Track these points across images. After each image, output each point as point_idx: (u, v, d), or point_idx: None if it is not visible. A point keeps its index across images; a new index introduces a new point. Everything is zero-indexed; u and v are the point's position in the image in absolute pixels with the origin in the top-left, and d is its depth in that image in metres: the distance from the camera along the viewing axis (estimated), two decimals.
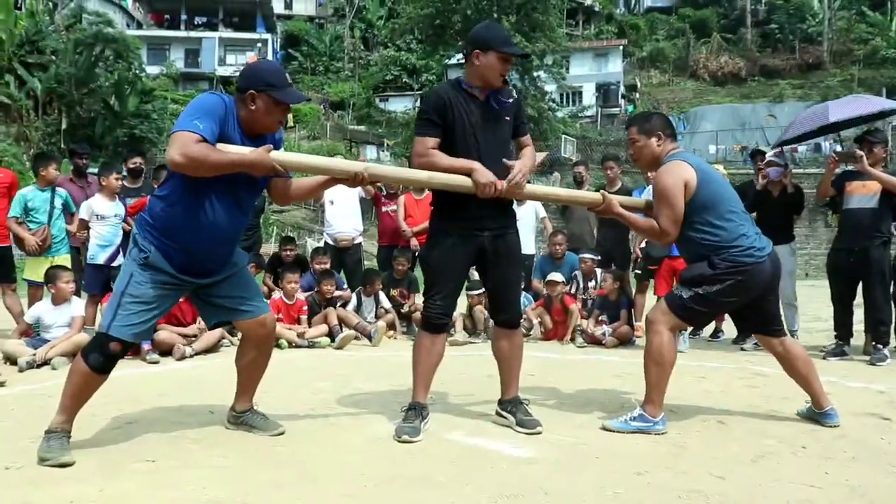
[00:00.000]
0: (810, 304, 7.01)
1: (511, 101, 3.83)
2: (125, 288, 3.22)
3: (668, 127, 3.94)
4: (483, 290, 7.75)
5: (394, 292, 8.19)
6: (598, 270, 7.96)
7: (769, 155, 6.88)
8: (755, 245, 3.65)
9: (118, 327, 3.17)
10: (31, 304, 6.83)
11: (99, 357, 3.18)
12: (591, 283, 8.00)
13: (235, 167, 3.11)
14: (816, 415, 3.82)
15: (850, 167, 6.22)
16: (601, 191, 4.15)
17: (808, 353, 3.99)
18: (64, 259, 6.97)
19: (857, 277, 6.25)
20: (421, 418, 3.73)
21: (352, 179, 3.40)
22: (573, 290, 7.94)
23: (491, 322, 7.34)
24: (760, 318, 3.90)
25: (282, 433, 3.55)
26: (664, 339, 3.71)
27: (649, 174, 6.49)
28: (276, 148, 3.31)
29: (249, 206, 3.46)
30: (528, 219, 8.83)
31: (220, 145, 3.11)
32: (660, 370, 3.71)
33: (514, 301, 3.98)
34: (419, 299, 8.20)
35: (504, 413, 3.91)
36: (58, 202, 7.06)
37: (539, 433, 3.67)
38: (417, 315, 8.02)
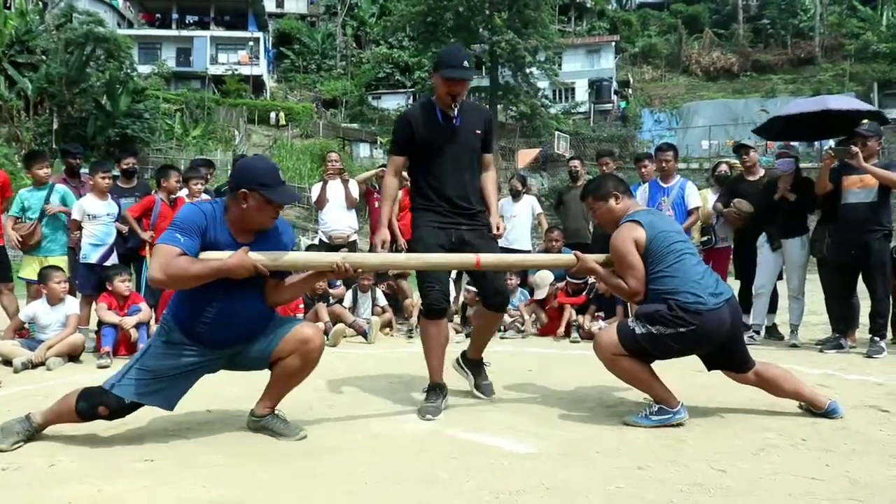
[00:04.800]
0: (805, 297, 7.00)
1: (473, 118, 4.26)
2: (141, 357, 3.37)
3: (620, 185, 4.09)
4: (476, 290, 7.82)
5: (382, 286, 8.19)
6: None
7: (778, 145, 6.84)
8: (711, 292, 3.63)
9: (121, 387, 3.28)
10: (3, 305, 6.98)
11: (87, 408, 3.28)
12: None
13: (218, 273, 3.17)
14: (821, 414, 3.80)
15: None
16: (573, 252, 4.20)
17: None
18: (58, 260, 6.94)
19: (857, 271, 6.25)
20: (442, 397, 4.09)
21: (335, 271, 3.44)
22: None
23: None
24: (731, 361, 3.86)
25: (304, 437, 3.47)
26: (624, 364, 3.72)
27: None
28: (286, 244, 3.46)
29: (254, 290, 3.40)
30: (525, 215, 8.84)
31: (203, 254, 3.19)
32: (644, 382, 3.75)
33: (502, 286, 4.39)
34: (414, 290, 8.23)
35: (464, 368, 4.53)
36: (55, 199, 7.04)
37: (492, 400, 4.24)
38: (408, 303, 8.07)
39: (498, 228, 4.30)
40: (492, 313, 4.42)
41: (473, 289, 7.68)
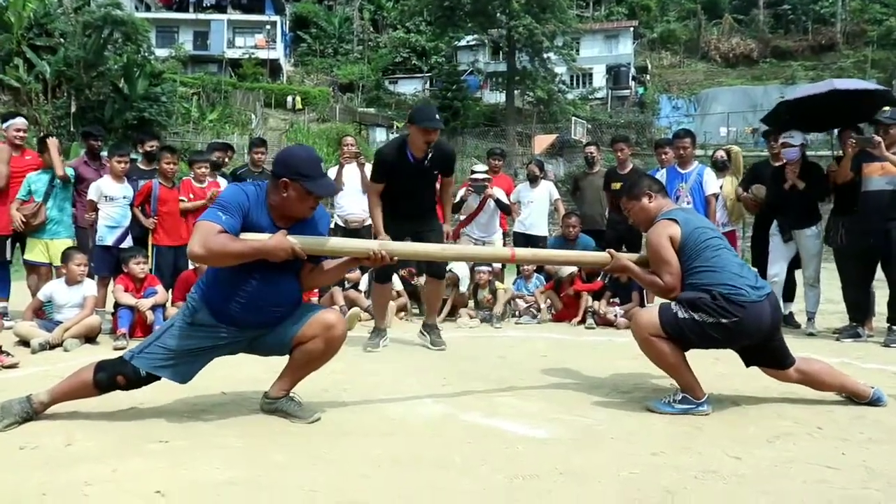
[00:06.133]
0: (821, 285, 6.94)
1: (438, 159, 5.66)
2: (161, 335, 3.39)
3: (654, 184, 4.11)
4: (490, 269, 7.86)
5: (402, 272, 8.18)
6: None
7: (783, 136, 6.72)
8: (752, 285, 3.60)
9: (139, 359, 3.33)
10: (28, 284, 7.06)
11: (105, 378, 3.33)
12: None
13: (256, 253, 3.21)
14: (866, 403, 3.78)
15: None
16: (608, 249, 4.16)
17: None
18: (64, 243, 6.99)
19: (875, 259, 6.18)
20: (381, 338, 5.81)
21: (370, 258, 3.49)
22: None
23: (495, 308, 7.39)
24: (771, 358, 3.81)
25: (318, 419, 3.47)
26: (660, 346, 3.66)
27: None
28: (320, 226, 3.51)
29: (288, 274, 3.44)
30: (542, 201, 8.81)
31: (243, 235, 3.23)
32: (675, 368, 3.70)
33: (442, 263, 5.98)
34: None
35: (424, 332, 6.01)
36: (59, 183, 7.07)
37: (443, 350, 5.70)
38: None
39: (447, 236, 6.22)
40: (432, 281, 6.13)
41: (486, 268, 7.76)
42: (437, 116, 5.57)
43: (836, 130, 7.28)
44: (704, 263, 3.67)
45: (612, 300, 7.52)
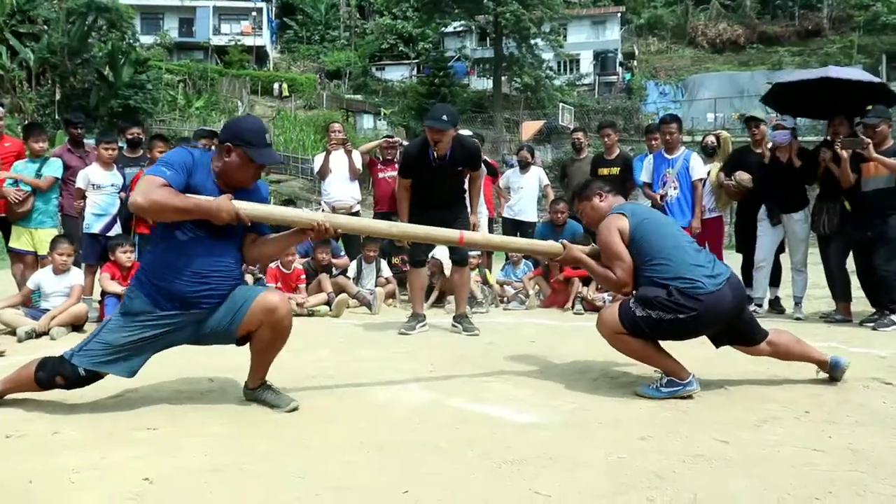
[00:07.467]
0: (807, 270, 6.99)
1: (460, 155, 5.79)
2: (100, 331, 3.35)
3: (605, 185, 4.22)
4: (478, 253, 7.85)
5: (395, 260, 8.17)
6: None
7: (776, 118, 6.75)
8: (708, 274, 3.60)
9: (79, 357, 3.28)
10: (13, 273, 7.10)
11: (45, 377, 3.30)
12: None
13: (199, 210, 3.19)
14: (828, 373, 3.84)
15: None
16: (561, 241, 4.24)
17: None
18: (49, 232, 6.94)
19: (871, 247, 6.19)
20: (418, 322, 5.95)
21: (315, 230, 3.44)
22: None
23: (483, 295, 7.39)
24: (739, 337, 3.84)
25: (296, 408, 3.44)
26: (627, 340, 3.70)
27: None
28: (263, 199, 3.51)
29: (230, 245, 3.42)
30: (531, 187, 8.81)
31: (188, 195, 3.21)
32: (650, 358, 3.73)
33: (461, 249, 5.93)
34: None
35: (455, 324, 6.00)
36: (47, 172, 7.01)
37: (476, 335, 5.66)
38: None
39: (474, 227, 5.98)
40: (457, 269, 6.15)
41: (475, 253, 7.77)
42: (445, 117, 5.60)
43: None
44: (658, 255, 3.67)
45: (599, 287, 7.53)
